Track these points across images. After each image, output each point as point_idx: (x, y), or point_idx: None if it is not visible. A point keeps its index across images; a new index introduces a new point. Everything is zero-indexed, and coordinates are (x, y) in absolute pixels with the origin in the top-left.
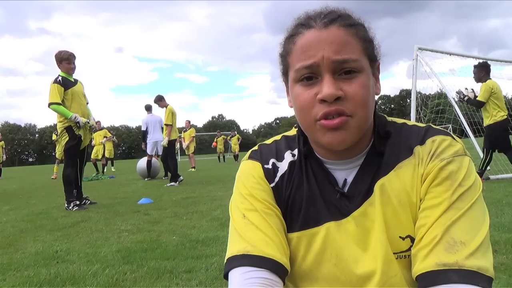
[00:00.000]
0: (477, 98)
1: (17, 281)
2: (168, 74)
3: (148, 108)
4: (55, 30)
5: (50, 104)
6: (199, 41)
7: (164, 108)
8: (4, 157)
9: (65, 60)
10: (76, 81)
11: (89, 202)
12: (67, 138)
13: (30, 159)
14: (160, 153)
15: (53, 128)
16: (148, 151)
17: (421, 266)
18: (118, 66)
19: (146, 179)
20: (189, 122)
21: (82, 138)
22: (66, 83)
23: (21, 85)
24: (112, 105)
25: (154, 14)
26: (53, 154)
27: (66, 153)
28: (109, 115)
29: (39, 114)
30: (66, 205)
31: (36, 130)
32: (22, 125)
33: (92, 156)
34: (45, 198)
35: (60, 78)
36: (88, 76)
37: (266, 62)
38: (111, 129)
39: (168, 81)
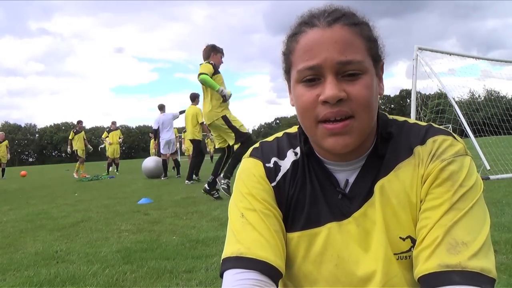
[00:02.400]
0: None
1: (17, 281)
2: (168, 74)
3: (161, 108)
4: (56, 31)
5: (200, 74)
6: (199, 41)
7: (199, 108)
8: (9, 156)
9: (221, 53)
10: None
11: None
12: (230, 128)
13: (30, 159)
14: (172, 151)
15: (53, 128)
16: (162, 150)
17: (423, 267)
18: (118, 66)
19: (162, 178)
20: None
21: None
22: (216, 68)
23: (21, 85)
24: (112, 105)
25: (154, 15)
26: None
27: (239, 135)
28: (109, 115)
29: (39, 114)
30: (223, 181)
31: (36, 130)
32: (22, 125)
33: (110, 156)
34: (45, 198)
35: (212, 62)
36: (88, 76)
37: (266, 62)
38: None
39: (168, 81)
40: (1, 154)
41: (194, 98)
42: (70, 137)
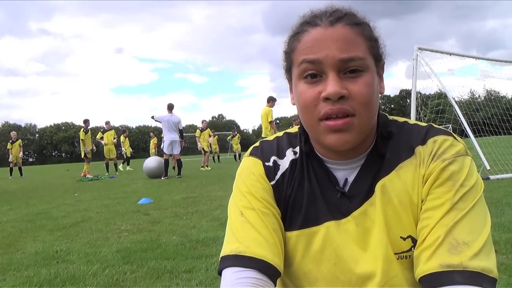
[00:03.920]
0: None
1: (17, 281)
2: (168, 74)
3: (171, 108)
4: (56, 31)
5: None
6: (198, 41)
7: (269, 108)
8: (21, 154)
9: None
10: None
11: None
12: None
13: (30, 159)
14: (175, 152)
15: (53, 128)
16: (165, 150)
17: (424, 267)
18: (119, 66)
19: (162, 178)
20: (206, 121)
21: None
22: None
23: (22, 86)
24: (112, 105)
25: (154, 15)
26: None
27: None
28: (109, 115)
29: (39, 114)
30: None
31: (36, 130)
32: (22, 125)
33: (106, 156)
34: (45, 198)
35: None
36: (88, 76)
37: (266, 62)
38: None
39: (168, 81)
40: (15, 153)
41: (269, 100)
42: (82, 137)
